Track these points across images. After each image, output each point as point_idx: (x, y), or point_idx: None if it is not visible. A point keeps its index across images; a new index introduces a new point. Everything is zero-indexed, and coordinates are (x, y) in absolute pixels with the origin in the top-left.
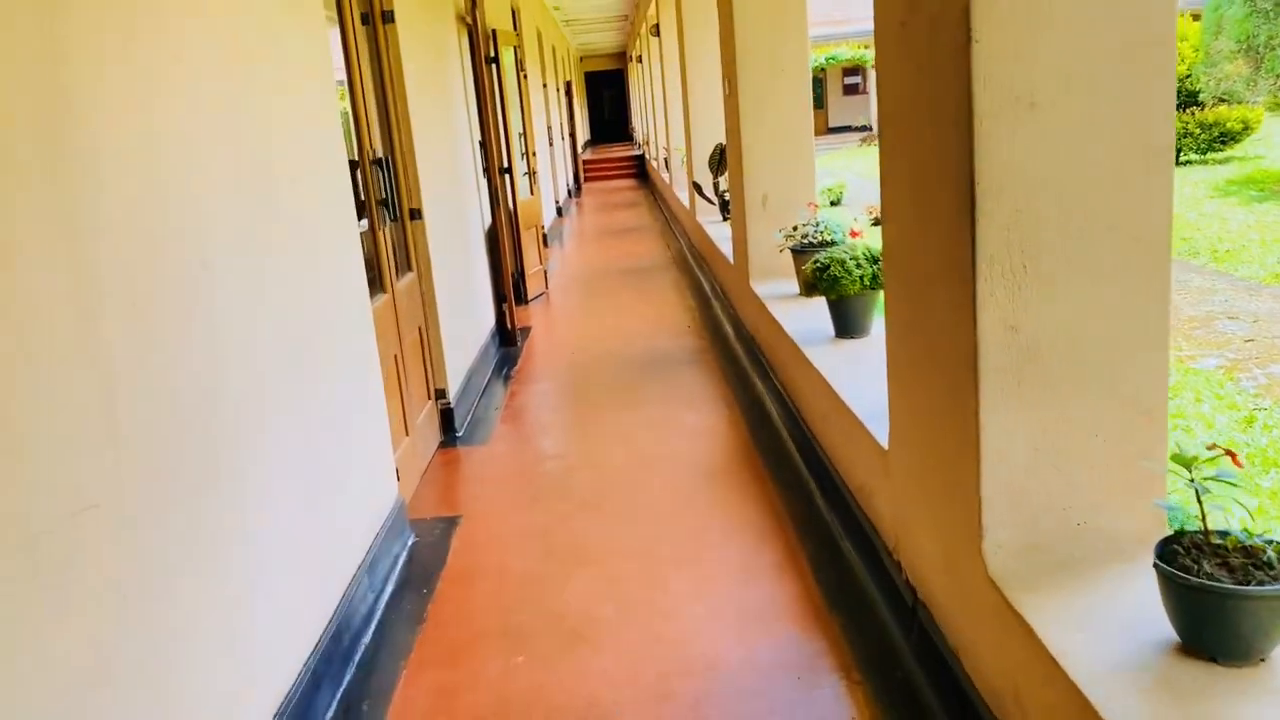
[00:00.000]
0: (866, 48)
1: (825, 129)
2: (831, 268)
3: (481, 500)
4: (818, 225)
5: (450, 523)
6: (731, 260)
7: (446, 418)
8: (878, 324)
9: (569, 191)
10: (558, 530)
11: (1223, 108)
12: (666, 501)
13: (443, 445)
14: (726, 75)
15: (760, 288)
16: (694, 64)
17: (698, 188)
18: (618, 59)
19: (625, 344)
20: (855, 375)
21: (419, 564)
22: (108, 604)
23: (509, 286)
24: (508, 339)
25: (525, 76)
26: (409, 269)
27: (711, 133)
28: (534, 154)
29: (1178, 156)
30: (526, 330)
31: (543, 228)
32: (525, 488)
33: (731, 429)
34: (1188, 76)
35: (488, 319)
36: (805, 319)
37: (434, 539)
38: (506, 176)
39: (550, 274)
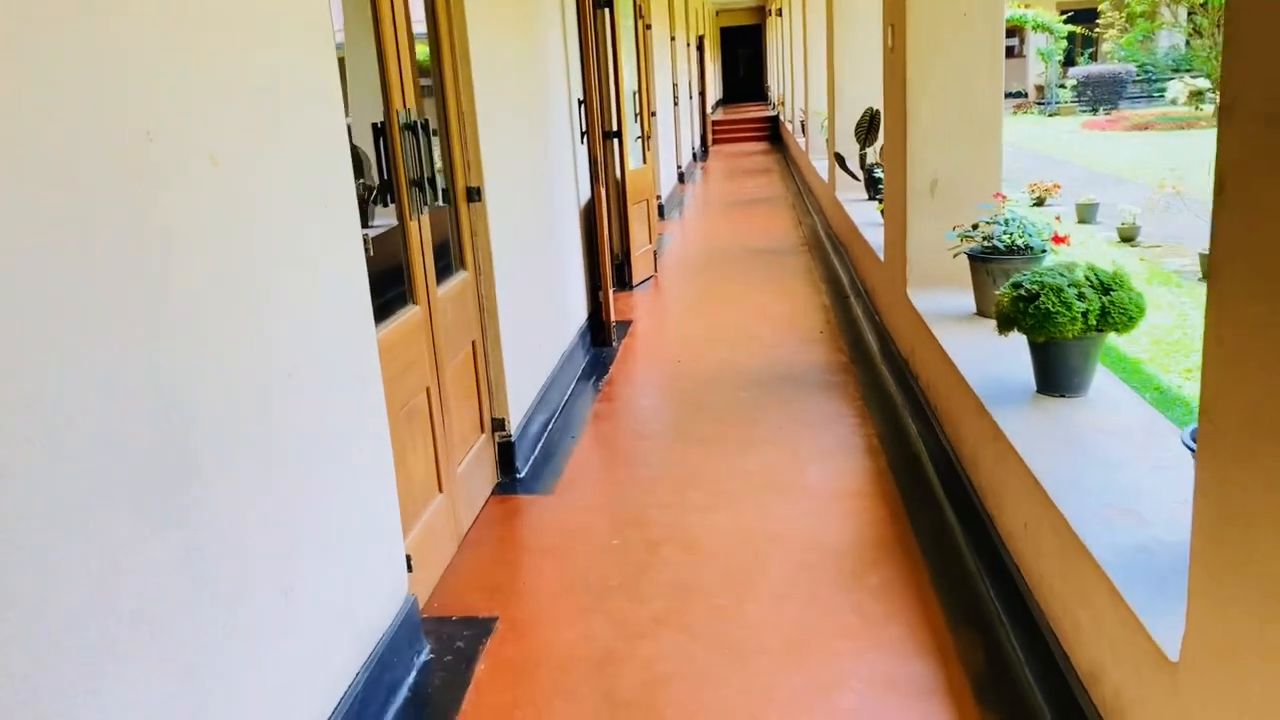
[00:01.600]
0: (1027, 7)
1: None
2: (1043, 298)
3: (530, 591)
4: (1007, 224)
5: (482, 629)
6: (882, 257)
7: (506, 454)
8: (1101, 380)
9: (694, 155)
10: (624, 661)
11: None
12: (785, 621)
13: (499, 490)
14: (890, 22)
15: (921, 299)
16: (842, 13)
17: (840, 160)
18: (756, 14)
19: (742, 351)
20: (1086, 474)
21: (424, 705)
22: None
23: (607, 274)
24: (602, 337)
25: (648, 28)
26: (461, 267)
27: (859, 95)
28: (651, 115)
29: None
30: (626, 325)
31: (658, 198)
32: (591, 574)
33: (877, 497)
34: None
35: (577, 315)
36: (989, 357)
37: (454, 657)
38: (614, 141)
39: (663, 251)
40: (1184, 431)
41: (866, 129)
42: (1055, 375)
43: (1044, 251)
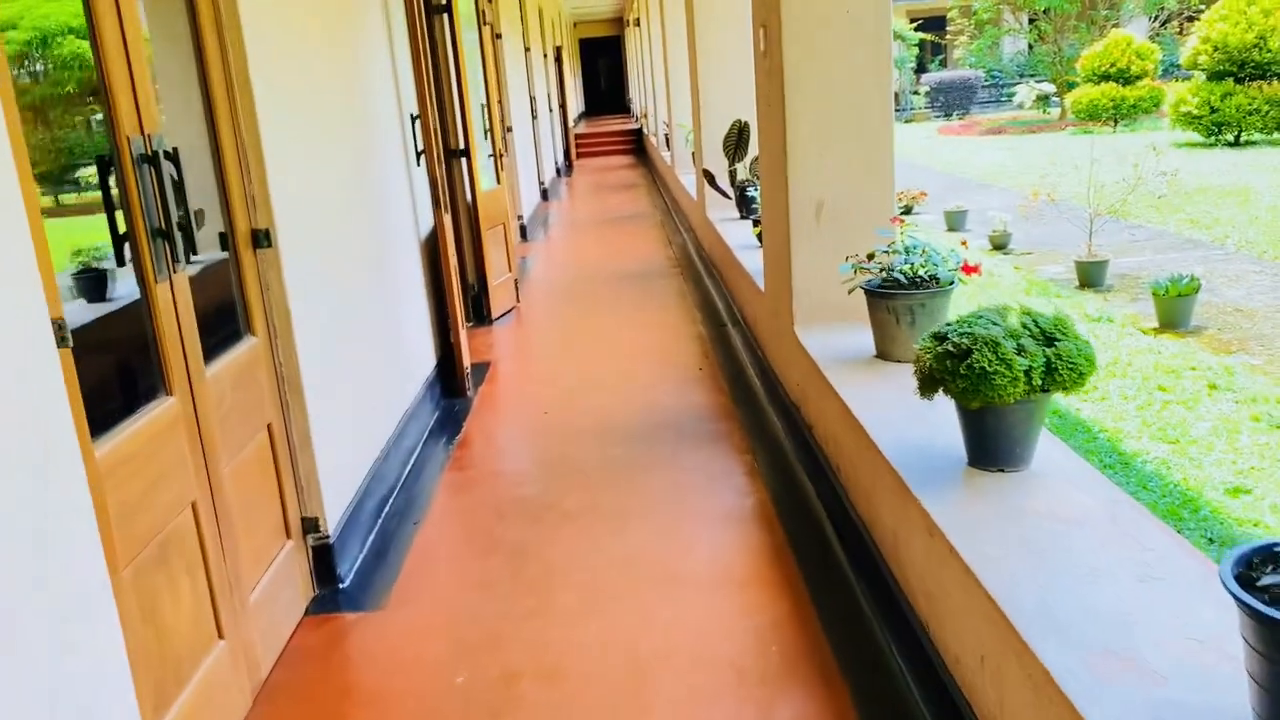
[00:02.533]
0: None
1: None
2: (976, 355)
3: None
4: (909, 253)
5: None
6: (761, 285)
7: (323, 559)
8: (1047, 448)
9: (558, 170)
10: None
11: None
12: None
13: (316, 606)
14: (761, 23)
15: (812, 339)
16: (705, 18)
17: (709, 177)
18: (615, 25)
19: (616, 395)
20: (1055, 591)
21: None
22: None
23: (457, 312)
24: (455, 386)
25: (498, 37)
26: (248, 332)
27: (726, 106)
28: (508, 130)
29: (1239, 135)
30: (485, 368)
31: (519, 219)
32: None
33: (777, 586)
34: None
35: (422, 364)
36: (902, 417)
37: None
38: (463, 161)
39: (526, 277)
40: (1223, 567)
41: (735, 143)
42: (993, 447)
43: (952, 283)
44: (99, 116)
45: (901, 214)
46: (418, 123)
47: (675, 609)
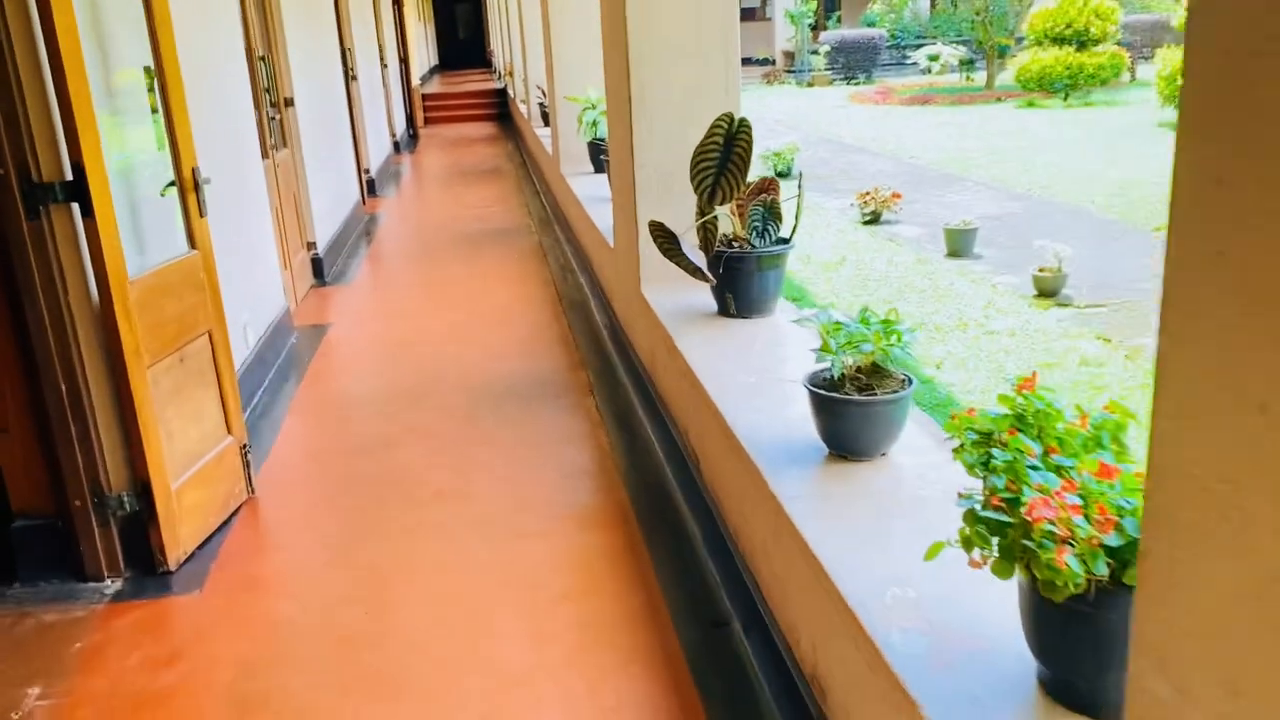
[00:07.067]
0: None
1: None
2: None
3: None
4: None
5: None
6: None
7: None
8: None
9: (396, 145)
10: None
11: None
12: None
13: None
14: None
15: None
16: None
17: (664, 239)
18: None
19: None
20: None
21: None
22: None
23: None
24: None
25: None
26: None
27: (691, 89)
28: (284, 104)
29: None
30: None
31: (312, 249)
32: None
33: None
34: None
35: None
36: None
37: None
38: (73, 210)
39: (308, 377)
40: None
41: (719, 165)
42: None
43: None
44: None
45: (866, 223)
46: None
47: None
